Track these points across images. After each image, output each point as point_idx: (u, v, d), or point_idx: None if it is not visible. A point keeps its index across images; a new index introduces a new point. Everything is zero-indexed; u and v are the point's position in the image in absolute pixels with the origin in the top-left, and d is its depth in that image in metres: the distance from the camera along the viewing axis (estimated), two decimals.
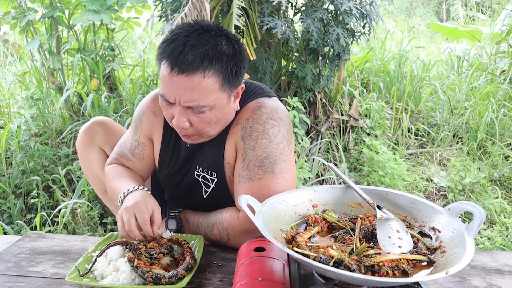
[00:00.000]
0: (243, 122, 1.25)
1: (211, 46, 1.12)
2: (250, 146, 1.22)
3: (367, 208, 1.10)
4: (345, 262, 0.84)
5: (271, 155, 1.21)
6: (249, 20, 2.61)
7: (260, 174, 1.20)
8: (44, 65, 3.36)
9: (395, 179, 2.81)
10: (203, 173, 1.34)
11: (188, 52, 1.09)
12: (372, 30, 2.91)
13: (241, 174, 1.22)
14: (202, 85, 1.11)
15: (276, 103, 1.30)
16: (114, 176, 1.39)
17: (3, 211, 2.63)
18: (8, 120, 3.46)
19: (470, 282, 1.07)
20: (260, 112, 1.24)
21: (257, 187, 1.18)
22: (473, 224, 0.90)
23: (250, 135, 1.22)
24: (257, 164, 1.20)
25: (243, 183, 1.22)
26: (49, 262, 1.19)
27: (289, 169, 1.23)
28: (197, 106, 1.14)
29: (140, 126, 1.42)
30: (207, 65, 1.10)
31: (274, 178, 1.19)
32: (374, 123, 3.29)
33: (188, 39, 1.12)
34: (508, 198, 2.81)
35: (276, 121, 1.24)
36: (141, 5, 3.53)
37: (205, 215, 1.31)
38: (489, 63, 4.15)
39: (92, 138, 1.55)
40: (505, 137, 3.26)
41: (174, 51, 1.11)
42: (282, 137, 1.24)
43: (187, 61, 1.09)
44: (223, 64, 1.13)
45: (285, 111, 1.30)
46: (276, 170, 1.20)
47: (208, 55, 1.10)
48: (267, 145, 1.21)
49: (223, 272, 1.12)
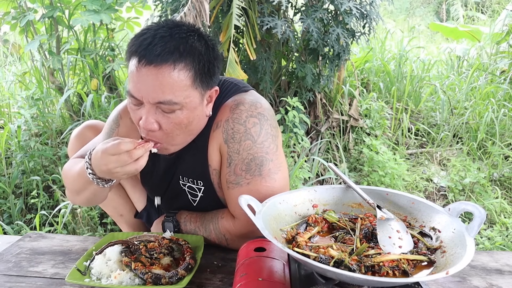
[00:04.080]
0: (223, 124, 1.18)
1: (182, 40, 1.05)
2: (234, 150, 1.17)
3: (367, 208, 1.10)
4: (345, 262, 0.84)
5: (257, 156, 1.16)
6: (249, 20, 2.60)
7: (248, 178, 1.16)
8: (44, 65, 3.36)
9: (395, 179, 2.81)
10: (188, 183, 1.29)
11: (157, 43, 1.02)
12: (372, 30, 2.91)
13: (229, 180, 1.18)
14: (172, 78, 1.03)
15: (254, 96, 1.23)
16: (69, 169, 1.24)
17: (3, 211, 2.63)
18: (8, 120, 3.46)
19: (470, 282, 1.07)
20: (239, 110, 1.17)
21: (247, 192, 1.11)
22: (473, 224, 0.90)
23: (233, 138, 1.17)
24: (244, 168, 1.16)
25: (231, 189, 1.18)
26: (49, 262, 1.19)
27: (277, 168, 1.18)
28: (168, 102, 1.04)
29: (116, 129, 1.32)
30: (177, 57, 1.03)
31: (263, 181, 1.15)
32: (374, 123, 3.29)
33: (158, 32, 1.05)
34: (508, 198, 2.81)
35: (257, 118, 1.17)
36: (141, 5, 3.53)
37: (201, 219, 1.27)
38: (489, 63, 4.15)
39: (83, 144, 1.43)
40: (505, 137, 3.26)
41: (143, 43, 1.04)
42: (265, 134, 1.18)
43: (156, 52, 1.01)
44: (194, 58, 1.05)
45: (265, 104, 1.22)
46: (264, 172, 1.15)
47: (178, 48, 1.03)
48: (251, 146, 1.16)
49: (223, 272, 1.12)
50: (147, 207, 1.60)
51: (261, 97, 1.25)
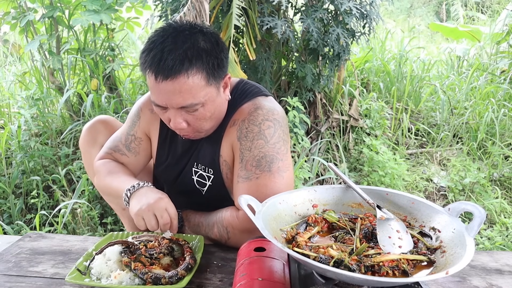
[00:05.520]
0: (239, 123, 1.28)
1: (188, 46, 1.13)
2: (246, 147, 1.25)
3: (367, 208, 1.10)
4: (345, 262, 0.84)
5: (268, 154, 1.22)
6: (249, 20, 2.61)
7: (257, 173, 1.21)
8: (44, 65, 3.36)
9: (395, 179, 2.81)
10: (200, 170, 1.37)
11: (167, 58, 1.11)
12: (372, 30, 2.91)
13: (239, 174, 1.25)
14: (189, 85, 1.13)
15: (273, 104, 1.32)
16: (108, 171, 1.40)
17: (3, 211, 2.63)
18: (8, 120, 3.46)
19: (470, 282, 1.07)
20: (256, 113, 1.26)
21: (255, 186, 1.20)
22: (473, 224, 0.90)
23: (246, 136, 1.25)
24: (254, 164, 1.22)
25: (241, 183, 1.24)
26: (49, 262, 1.19)
27: (286, 168, 1.24)
28: (190, 105, 1.16)
29: (137, 122, 1.45)
30: (188, 65, 1.12)
31: (271, 177, 1.21)
32: (374, 123, 3.29)
33: (164, 45, 1.13)
34: (508, 198, 2.81)
35: (272, 122, 1.26)
36: (141, 5, 3.53)
37: (205, 215, 1.32)
38: (489, 63, 4.16)
39: (94, 137, 1.57)
40: (505, 137, 3.26)
41: (154, 59, 1.13)
42: (278, 137, 1.25)
43: (168, 67, 1.11)
44: (203, 61, 1.14)
45: (281, 112, 1.31)
46: (273, 169, 1.21)
47: (187, 55, 1.12)
48: (263, 145, 1.23)
49: (223, 272, 1.12)
50: None
51: (278, 105, 1.34)
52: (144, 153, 1.47)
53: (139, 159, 1.48)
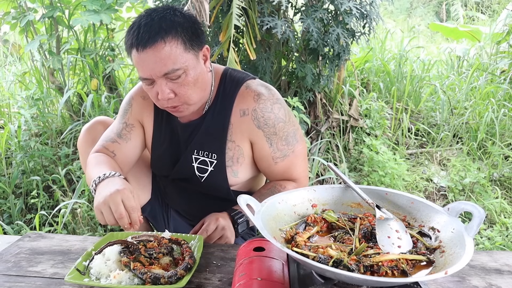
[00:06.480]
0: (251, 112, 1.37)
1: (162, 19, 1.23)
2: (271, 132, 1.38)
3: (366, 208, 1.10)
4: (344, 262, 0.84)
5: (290, 131, 1.41)
6: (249, 20, 2.61)
7: (290, 148, 1.42)
8: (44, 65, 3.36)
9: (395, 179, 2.81)
10: (202, 157, 1.43)
11: (144, 30, 1.21)
12: (372, 30, 2.91)
13: (275, 156, 1.41)
14: (167, 50, 1.21)
15: (264, 84, 1.43)
16: (94, 163, 1.37)
17: (3, 211, 2.63)
18: (8, 120, 3.46)
19: (469, 282, 1.07)
20: (262, 100, 1.37)
21: (293, 158, 1.42)
22: (473, 224, 0.89)
23: (267, 124, 1.37)
24: (284, 142, 1.40)
25: (281, 161, 1.41)
26: (48, 262, 1.19)
27: (299, 129, 1.47)
28: (171, 70, 1.22)
29: (129, 110, 1.50)
30: (164, 33, 1.21)
31: (300, 145, 1.44)
32: (374, 123, 3.29)
33: (140, 22, 1.24)
34: (508, 198, 2.81)
35: (278, 103, 1.40)
36: (141, 5, 3.53)
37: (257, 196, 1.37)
38: (489, 63, 4.15)
39: (93, 138, 1.57)
40: (505, 137, 3.26)
41: (133, 35, 1.23)
42: (287, 112, 1.42)
43: (146, 37, 1.20)
44: (177, 29, 1.23)
45: (273, 88, 1.44)
46: (298, 137, 1.44)
47: (161, 26, 1.21)
48: (283, 126, 1.40)
49: (223, 272, 1.12)
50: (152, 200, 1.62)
51: (267, 84, 1.46)
52: (136, 139, 1.49)
53: (131, 146, 1.47)
